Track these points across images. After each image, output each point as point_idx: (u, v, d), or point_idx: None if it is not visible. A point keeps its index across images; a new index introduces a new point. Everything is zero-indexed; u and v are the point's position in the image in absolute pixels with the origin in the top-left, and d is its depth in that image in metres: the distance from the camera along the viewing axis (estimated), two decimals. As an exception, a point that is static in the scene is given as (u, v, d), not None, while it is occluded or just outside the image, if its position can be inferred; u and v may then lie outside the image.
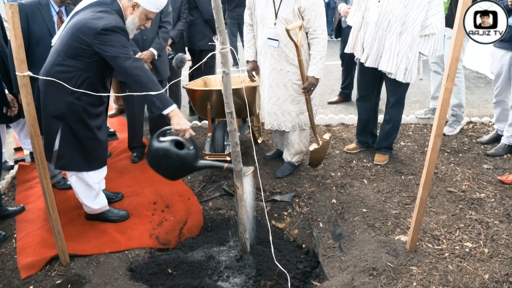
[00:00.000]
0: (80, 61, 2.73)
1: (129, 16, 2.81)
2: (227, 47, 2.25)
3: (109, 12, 2.74)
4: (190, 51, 5.36)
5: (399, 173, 3.97)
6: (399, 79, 3.71)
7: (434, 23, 3.53)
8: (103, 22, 2.62)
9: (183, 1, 4.84)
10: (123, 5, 2.80)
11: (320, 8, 3.40)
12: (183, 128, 2.71)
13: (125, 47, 2.68)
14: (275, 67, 3.58)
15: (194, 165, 2.76)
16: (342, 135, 4.86)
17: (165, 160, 2.71)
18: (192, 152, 2.73)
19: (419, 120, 5.21)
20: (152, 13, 2.85)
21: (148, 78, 2.67)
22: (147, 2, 2.78)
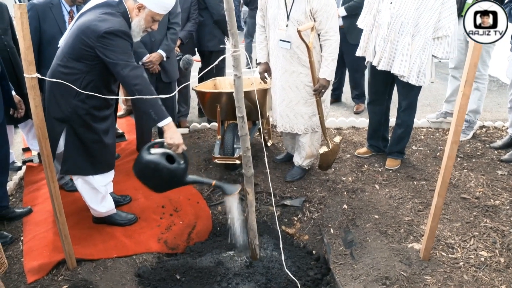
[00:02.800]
0: (83, 64, 2.68)
1: (135, 18, 2.73)
2: (239, 49, 2.19)
3: (114, 15, 2.68)
4: (200, 52, 5.31)
5: (411, 178, 3.90)
6: (412, 82, 3.64)
7: (447, 25, 3.46)
8: (106, 25, 2.57)
9: (193, 2, 4.80)
10: (128, 7, 2.73)
11: (332, 10, 3.34)
12: (176, 142, 2.66)
13: (126, 53, 2.62)
14: (287, 69, 3.53)
15: (183, 179, 2.73)
16: (353, 139, 4.79)
17: (156, 173, 2.66)
18: (182, 167, 2.69)
19: (431, 124, 5.13)
20: (158, 15, 2.77)
21: (146, 88, 2.60)
22: (153, 3, 2.69)
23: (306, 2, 3.32)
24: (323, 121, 3.57)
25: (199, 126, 5.18)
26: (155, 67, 3.89)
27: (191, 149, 4.58)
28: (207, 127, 5.18)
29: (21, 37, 2.34)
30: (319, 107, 3.49)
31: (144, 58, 3.84)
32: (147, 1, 2.67)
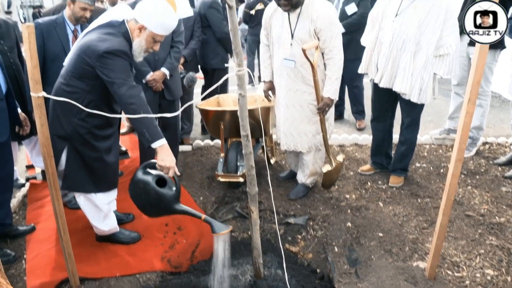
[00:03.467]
0: (84, 83, 2.71)
1: (136, 39, 2.75)
2: (243, 69, 2.21)
3: (115, 35, 2.70)
4: (203, 70, 5.35)
5: (415, 195, 3.89)
6: (414, 99, 3.65)
7: (449, 43, 3.48)
8: (106, 45, 2.59)
9: (196, 20, 4.85)
10: (130, 27, 2.76)
11: (336, 29, 3.37)
12: (167, 165, 2.61)
13: (124, 72, 2.63)
14: (291, 88, 3.55)
15: (172, 207, 2.62)
16: (356, 156, 4.79)
17: (143, 194, 2.59)
18: (171, 193, 2.60)
19: (434, 140, 5.13)
20: (159, 36, 2.77)
21: (141, 108, 2.60)
22: (153, 25, 2.70)
23: (310, 21, 3.36)
24: (326, 139, 3.58)
25: (202, 144, 5.19)
26: (158, 85, 3.92)
27: (194, 167, 4.58)
28: (210, 145, 5.19)
29: (29, 57, 2.36)
30: (323, 126, 3.50)
31: (148, 76, 3.86)
32: (148, 23, 2.69)
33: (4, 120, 3.06)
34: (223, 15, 4.94)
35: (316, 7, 3.37)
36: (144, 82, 3.87)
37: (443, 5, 3.43)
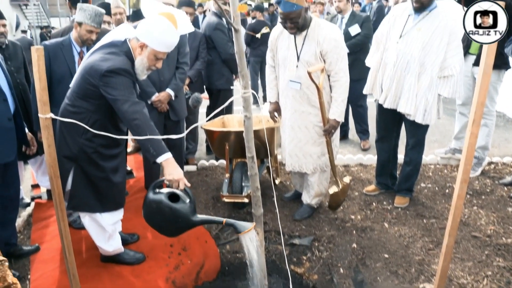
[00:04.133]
0: (89, 103, 2.73)
1: (138, 56, 2.76)
2: (249, 91, 2.23)
3: (117, 54, 2.73)
4: (208, 90, 5.40)
5: (420, 216, 3.87)
6: (418, 120, 3.67)
7: (453, 64, 3.51)
8: (108, 64, 2.62)
9: (202, 41, 4.91)
10: (132, 46, 2.78)
11: (342, 51, 3.41)
12: (175, 178, 2.55)
13: (126, 89, 2.64)
14: (296, 109, 3.57)
15: (190, 220, 2.48)
16: (361, 176, 4.78)
17: (158, 214, 2.50)
18: (186, 206, 2.48)
19: (439, 160, 5.12)
20: (161, 53, 2.76)
21: (145, 123, 2.60)
22: (154, 42, 2.70)
23: (316, 44, 3.39)
24: (333, 161, 3.58)
25: (207, 164, 5.20)
26: (163, 106, 3.95)
27: (199, 187, 4.59)
28: (215, 165, 5.20)
29: (37, 79, 2.39)
30: (329, 147, 3.51)
31: (153, 97, 3.90)
32: (149, 40, 2.69)
33: (12, 140, 3.09)
34: (228, 36, 5.00)
35: (322, 30, 3.41)
36: (150, 102, 3.91)
37: (447, 27, 3.46)
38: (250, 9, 12.31)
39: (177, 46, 3.94)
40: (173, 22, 2.74)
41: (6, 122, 3.02)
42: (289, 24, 3.36)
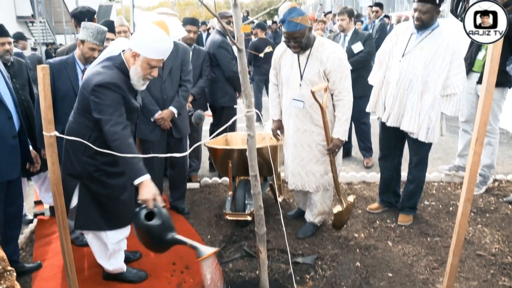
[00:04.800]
0: (87, 118, 2.76)
1: (132, 66, 2.76)
2: (252, 110, 2.24)
3: (109, 68, 2.74)
4: (212, 108, 5.43)
5: (424, 234, 3.85)
6: (421, 139, 3.67)
7: (456, 83, 3.52)
8: (97, 79, 2.65)
9: (205, 59, 4.95)
10: (126, 57, 2.78)
11: (345, 71, 3.43)
12: (144, 198, 2.55)
13: (112, 106, 2.64)
14: (299, 128, 3.58)
15: (163, 237, 2.54)
16: (364, 194, 4.77)
17: (138, 231, 2.59)
18: (158, 223, 2.53)
19: (443, 177, 5.10)
20: (154, 60, 2.73)
21: (123, 145, 2.59)
22: (145, 50, 2.70)
23: (319, 63, 3.42)
24: (337, 180, 3.57)
25: (210, 181, 5.20)
26: (166, 123, 3.97)
27: (202, 205, 4.58)
28: (218, 182, 5.19)
29: (42, 97, 2.42)
30: (333, 166, 3.50)
31: (156, 115, 3.92)
32: (140, 48, 2.70)
33: (16, 157, 3.10)
34: (232, 54, 5.04)
35: (325, 49, 3.43)
36: (153, 120, 3.93)
37: (450, 46, 3.49)
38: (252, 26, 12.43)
39: (180, 64, 3.99)
40: (165, 29, 2.73)
41: (10, 139, 3.03)
42: (292, 43, 3.39)
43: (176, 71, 4.02)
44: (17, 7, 26.42)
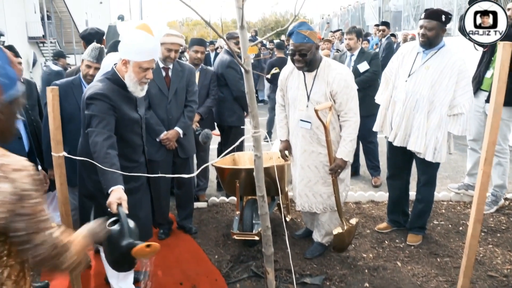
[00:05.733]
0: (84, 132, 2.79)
1: (125, 75, 2.79)
2: (259, 131, 2.25)
3: (101, 81, 2.79)
4: (219, 127, 5.45)
5: (434, 254, 3.81)
6: (428, 158, 3.66)
7: (462, 103, 3.52)
8: (89, 92, 2.70)
9: (212, 79, 4.99)
10: (118, 68, 2.83)
11: (352, 92, 3.43)
12: (108, 201, 2.46)
13: (98, 117, 2.66)
14: (306, 149, 3.58)
15: (119, 243, 2.21)
16: (373, 213, 4.73)
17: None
18: (117, 228, 2.26)
19: (452, 196, 5.06)
20: (145, 62, 2.76)
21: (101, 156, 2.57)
22: (133, 54, 2.73)
23: (326, 84, 3.42)
24: (339, 201, 3.53)
25: (217, 200, 5.19)
26: (171, 144, 4.00)
27: (209, 224, 4.57)
28: (225, 201, 5.18)
29: (51, 118, 2.46)
30: (335, 187, 3.47)
31: (161, 135, 3.95)
32: (127, 54, 2.74)
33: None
34: (240, 74, 5.07)
35: (332, 70, 3.44)
36: (158, 140, 3.95)
37: (456, 65, 3.49)
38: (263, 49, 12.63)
39: (185, 85, 4.02)
40: (148, 31, 2.77)
41: None
42: (297, 57, 3.38)
43: (181, 92, 4.05)
44: (28, 28, 26.92)
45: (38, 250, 1.41)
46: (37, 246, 1.40)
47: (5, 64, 1.43)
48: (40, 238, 1.40)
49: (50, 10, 28.32)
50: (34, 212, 1.37)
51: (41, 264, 1.47)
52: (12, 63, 1.47)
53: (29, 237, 1.38)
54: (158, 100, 3.98)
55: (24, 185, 1.35)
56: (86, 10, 34.59)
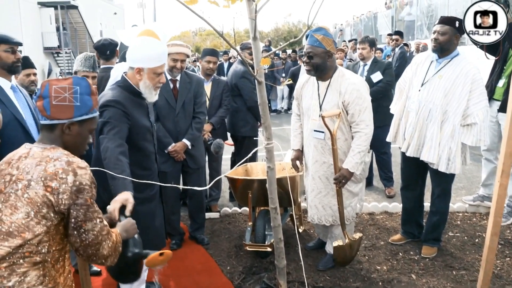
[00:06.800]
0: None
1: (140, 82, 2.82)
2: (272, 142, 2.24)
3: (112, 89, 2.83)
4: (233, 137, 5.46)
5: (449, 267, 3.74)
6: (442, 169, 3.60)
7: (476, 112, 3.46)
8: (101, 101, 2.73)
9: (225, 89, 5.00)
10: (128, 76, 2.86)
11: (364, 103, 3.38)
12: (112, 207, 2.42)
13: (110, 124, 2.70)
14: (318, 159, 3.55)
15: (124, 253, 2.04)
16: (386, 225, 4.68)
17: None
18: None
19: (467, 208, 4.98)
20: (159, 68, 2.82)
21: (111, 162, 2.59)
22: (147, 61, 2.77)
23: (338, 94, 3.40)
24: (342, 213, 3.45)
25: (230, 211, 5.17)
26: (179, 155, 4.01)
27: (221, 235, 4.55)
28: (238, 212, 5.16)
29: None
30: (339, 197, 3.41)
31: (169, 147, 3.97)
32: (142, 62, 2.77)
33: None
34: (254, 84, 5.07)
35: (345, 80, 3.41)
36: (167, 152, 3.97)
37: (469, 75, 3.44)
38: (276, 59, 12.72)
39: (193, 97, 4.03)
40: (154, 36, 2.80)
41: None
42: (305, 59, 3.40)
43: (189, 104, 4.06)
44: (44, 38, 27.38)
45: (86, 235, 1.70)
46: (87, 231, 1.70)
47: (85, 94, 1.85)
48: (90, 225, 1.70)
49: (66, 21, 28.79)
50: (89, 203, 1.70)
51: (84, 250, 1.73)
52: (92, 93, 1.87)
53: (81, 223, 1.68)
54: (165, 112, 4.00)
55: (84, 180, 1.69)
56: (101, 21, 35.12)
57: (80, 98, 1.82)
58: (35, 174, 1.65)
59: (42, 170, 1.65)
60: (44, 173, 1.65)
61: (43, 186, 1.63)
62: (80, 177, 1.67)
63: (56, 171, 1.65)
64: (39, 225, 1.62)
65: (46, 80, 1.84)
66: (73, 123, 1.81)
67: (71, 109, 1.80)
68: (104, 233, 1.77)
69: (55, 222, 1.66)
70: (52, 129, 1.81)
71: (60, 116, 1.79)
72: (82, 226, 1.68)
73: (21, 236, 1.60)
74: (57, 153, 1.72)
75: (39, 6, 27.18)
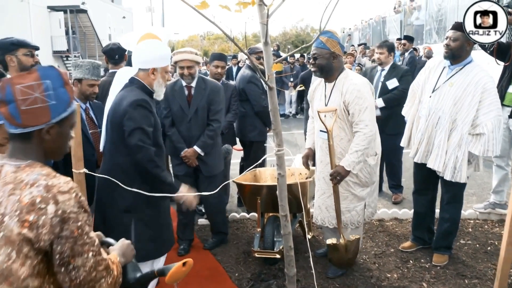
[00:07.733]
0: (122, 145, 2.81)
1: (154, 82, 2.92)
2: (283, 149, 2.21)
3: (132, 90, 2.88)
4: (241, 142, 5.44)
5: (461, 276, 3.68)
6: (447, 178, 3.56)
7: (485, 122, 3.41)
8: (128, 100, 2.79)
9: (233, 94, 4.99)
10: (140, 77, 2.91)
11: (364, 103, 3.35)
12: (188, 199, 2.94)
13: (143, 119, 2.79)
14: (322, 160, 3.56)
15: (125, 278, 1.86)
16: (396, 231, 4.62)
17: None
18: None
19: (479, 215, 4.92)
20: (167, 66, 3.00)
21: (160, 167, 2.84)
22: (159, 61, 2.90)
23: (340, 94, 3.41)
24: (339, 211, 3.43)
25: (238, 216, 5.14)
26: (191, 161, 4.00)
27: (230, 240, 4.51)
28: (246, 217, 5.12)
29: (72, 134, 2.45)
30: (335, 195, 3.39)
31: (182, 153, 3.98)
32: (156, 63, 2.89)
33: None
34: (262, 89, 5.05)
35: (347, 81, 3.43)
36: (180, 157, 3.99)
37: (480, 84, 3.39)
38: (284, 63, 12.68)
39: (206, 104, 4.03)
40: (156, 38, 2.94)
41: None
42: (312, 60, 3.49)
43: (202, 111, 4.06)
44: (53, 42, 27.57)
45: (77, 272, 1.41)
46: (76, 268, 1.41)
47: (59, 87, 1.51)
48: (80, 261, 1.41)
49: (75, 25, 29.00)
50: (77, 235, 1.40)
51: None
52: (66, 83, 1.54)
53: (68, 259, 1.40)
54: (179, 117, 4.06)
55: (68, 208, 1.39)
56: (110, 25, 35.33)
57: (54, 95, 1.48)
58: (9, 207, 1.37)
59: (16, 201, 1.37)
60: (19, 204, 1.36)
61: (19, 222, 1.35)
62: (62, 205, 1.38)
63: (33, 200, 1.36)
64: (23, 267, 1.36)
65: (4, 80, 1.49)
66: (52, 125, 1.51)
67: (46, 110, 1.47)
68: (100, 268, 1.47)
69: (44, 262, 1.41)
70: (27, 138, 1.50)
71: (35, 122, 1.47)
72: (70, 262, 1.40)
73: (8, 281, 1.35)
74: (33, 174, 1.43)
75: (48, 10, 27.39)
